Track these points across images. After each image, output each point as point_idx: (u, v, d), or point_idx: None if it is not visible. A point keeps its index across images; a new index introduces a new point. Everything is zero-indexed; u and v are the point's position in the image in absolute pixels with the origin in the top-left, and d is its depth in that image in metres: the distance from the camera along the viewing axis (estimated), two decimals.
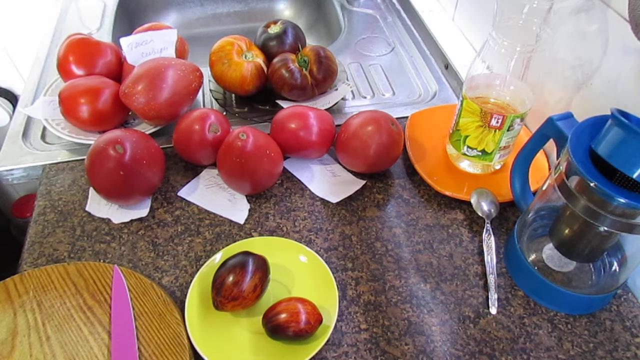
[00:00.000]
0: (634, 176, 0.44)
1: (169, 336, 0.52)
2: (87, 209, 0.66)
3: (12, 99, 1.29)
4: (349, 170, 0.72)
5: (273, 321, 0.51)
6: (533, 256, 0.60)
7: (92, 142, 0.68)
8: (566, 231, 0.54)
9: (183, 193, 0.69)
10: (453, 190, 0.68)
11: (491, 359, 0.53)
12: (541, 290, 0.57)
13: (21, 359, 0.50)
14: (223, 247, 0.61)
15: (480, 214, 0.65)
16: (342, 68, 0.85)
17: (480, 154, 0.68)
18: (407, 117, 0.78)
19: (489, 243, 0.62)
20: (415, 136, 0.75)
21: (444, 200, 0.69)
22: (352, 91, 0.87)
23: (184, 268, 0.60)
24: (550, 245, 0.58)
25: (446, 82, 0.89)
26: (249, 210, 0.67)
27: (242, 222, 0.66)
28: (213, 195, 0.68)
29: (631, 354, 0.54)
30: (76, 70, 0.74)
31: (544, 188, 0.56)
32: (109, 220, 0.65)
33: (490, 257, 0.61)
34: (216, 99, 0.82)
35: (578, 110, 0.62)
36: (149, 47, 0.77)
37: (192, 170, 0.72)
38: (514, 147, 0.69)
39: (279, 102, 0.79)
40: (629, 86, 0.55)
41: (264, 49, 0.81)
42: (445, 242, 0.64)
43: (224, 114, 0.77)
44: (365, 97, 0.86)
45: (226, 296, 0.52)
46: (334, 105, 0.79)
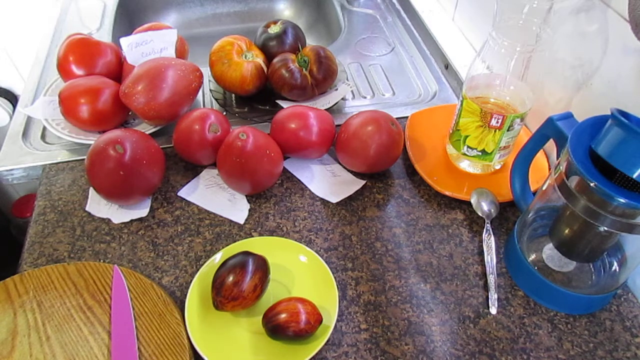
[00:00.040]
0: (634, 176, 0.44)
1: (169, 336, 0.52)
2: (87, 209, 0.66)
3: (12, 99, 1.29)
4: (349, 170, 0.72)
5: (273, 321, 0.51)
6: (533, 256, 0.60)
7: (92, 142, 0.68)
8: (566, 231, 0.54)
9: (183, 193, 0.69)
10: (453, 190, 0.68)
11: (491, 359, 0.53)
12: (541, 290, 0.57)
13: (21, 359, 0.50)
14: (223, 247, 0.61)
15: (480, 214, 0.65)
16: (342, 68, 0.85)
17: (480, 154, 0.68)
18: (407, 117, 0.78)
19: (489, 243, 0.62)
20: (415, 136, 0.75)
21: (444, 200, 0.69)
22: (352, 91, 0.87)
23: (184, 268, 0.60)
24: (550, 245, 0.58)
25: (446, 82, 0.89)
26: (249, 210, 0.67)
27: (242, 222, 0.66)
28: (213, 195, 0.68)
29: (631, 354, 0.54)
30: (76, 70, 0.74)
31: (544, 188, 0.56)
32: (109, 220, 0.65)
33: (490, 257, 0.61)
34: (216, 99, 0.82)
35: (578, 110, 0.62)
36: (149, 47, 0.77)
37: (192, 170, 0.72)
38: (514, 147, 0.69)
39: (279, 102, 0.79)
40: (629, 86, 0.55)
41: (264, 49, 0.81)
42: (445, 242, 0.64)
43: (224, 114, 0.77)
44: (365, 97, 0.86)
45: (226, 296, 0.52)
46: (334, 105, 0.79)
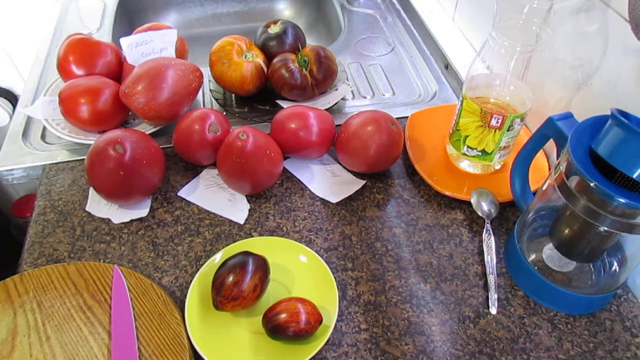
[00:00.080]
0: (634, 176, 0.44)
1: (169, 336, 0.52)
2: (87, 209, 0.66)
3: (12, 99, 1.29)
4: (349, 170, 0.72)
5: (273, 321, 0.51)
6: (533, 256, 0.60)
7: (92, 142, 0.68)
8: (566, 231, 0.54)
9: (183, 193, 0.69)
10: (453, 190, 0.68)
11: (491, 359, 0.53)
12: (541, 290, 0.57)
13: (21, 359, 0.50)
14: (223, 247, 0.61)
15: (480, 214, 0.65)
16: (342, 68, 0.85)
17: (480, 154, 0.68)
18: (407, 117, 0.78)
19: (489, 243, 0.62)
20: (415, 136, 0.75)
21: (444, 200, 0.69)
22: (352, 91, 0.87)
23: (184, 268, 0.60)
24: (550, 245, 0.58)
25: (446, 82, 0.89)
26: (249, 210, 0.67)
27: (242, 222, 0.66)
28: (213, 195, 0.68)
29: (631, 354, 0.54)
30: (76, 70, 0.74)
31: (544, 188, 0.56)
32: (109, 220, 0.65)
33: (490, 257, 0.61)
34: (216, 99, 0.82)
35: (578, 110, 0.62)
36: (149, 47, 0.77)
37: (192, 170, 0.72)
38: (514, 147, 0.69)
39: (279, 102, 0.79)
40: (629, 86, 0.55)
41: (264, 49, 0.81)
42: (445, 242, 0.64)
43: (224, 114, 0.77)
44: (365, 97, 0.86)
45: (226, 296, 0.52)
46: (334, 105, 0.79)
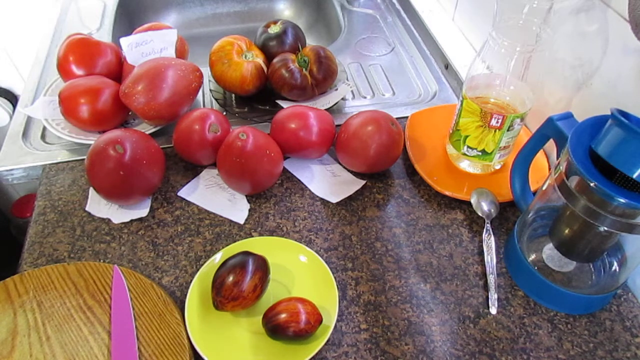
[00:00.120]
0: (634, 176, 0.44)
1: (169, 336, 0.52)
2: (87, 209, 0.66)
3: (12, 99, 1.29)
4: (349, 170, 0.72)
5: (273, 321, 0.51)
6: (533, 256, 0.60)
7: (92, 142, 0.68)
8: (566, 231, 0.54)
9: (183, 193, 0.69)
10: (453, 190, 0.68)
11: (491, 359, 0.53)
12: (541, 290, 0.57)
13: (21, 359, 0.50)
14: (223, 247, 0.61)
15: (480, 214, 0.65)
16: (342, 68, 0.85)
17: (480, 154, 0.68)
18: (407, 117, 0.78)
19: (489, 243, 0.62)
20: (415, 136, 0.75)
21: (444, 200, 0.69)
22: (352, 91, 0.87)
23: (184, 268, 0.60)
24: (550, 245, 0.58)
25: (446, 82, 0.89)
26: (249, 210, 0.67)
27: (242, 222, 0.66)
28: (213, 195, 0.68)
29: (631, 354, 0.54)
30: (76, 70, 0.74)
31: (544, 188, 0.56)
32: (109, 220, 0.65)
33: (490, 257, 0.61)
34: (216, 99, 0.82)
35: (578, 110, 0.62)
36: (149, 47, 0.77)
37: (192, 170, 0.72)
38: (514, 147, 0.69)
39: (279, 102, 0.79)
40: (629, 86, 0.55)
41: (264, 49, 0.81)
42: (445, 242, 0.64)
43: (224, 114, 0.77)
44: (365, 97, 0.86)
45: (226, 296, 0.52)
46: (334, 105, 0.79)
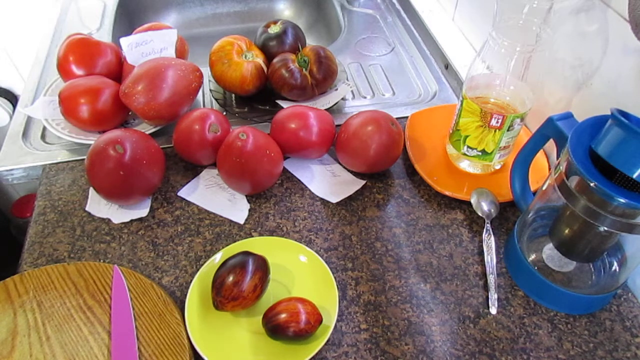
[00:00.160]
0: (634, 176, 0.44)
1: (169, 336, 0.52)
2: (87, 209, 0.66)
3: (12, 99, 1.29)
4: (349, 170, 0.72)
5: (273, 321, 0.51)
6: (533, 256, 0.60)
7: (92, 142, 0.68)
8: (566, 231, 0.54)
9: (183, 193, 0.69)
10: (453, 190, 0.68)
11: (491, 359, 0.53)
12: (541, 290, 0.57)
13: (21, 359, 0.50)
14: (223, 247, 0.61)
15: (480, 214, 0.65)
16: (342, 68, 0.85)
17: (480, 154, 0.68)
18: (407, 117, 0.78)
19: (489, 243, 0.62)
20: (415, 136, 0.75)
21: (444, 200, 0.69)
22: (352, 91, 0.87)
23: (184, 268, 0.60)
24: (550, 245, 0.58)
25: (446, 82, 0.89)
26: (249, 210, 0.67)
27: (242, 222, 0.66)
28: (213, 195, 0.68)
29: (631, 354, 0.54)
30: (76, 70, 0.74)
31: (544, 188, 0.56)
32: (109, 220, 0.65)
33: (490, 257, 0.61)
34: (216, 99, 0.82)
35: (578, 110, 0.62)
36: (149, 47, 0.77)
37: (192, 170, 0.72)
38: (514, 147, 0.69)
39: (279, 102, 0.79)
40: (629, 86, 0.55)
41: (264, 49, 0.81)
42: (445, 242, 0.64)
43: (224, 114, 0.77)
44: (365, 97, 0.86)
45: (226, 296, 0.52)
46: (334, 105, 0.79)
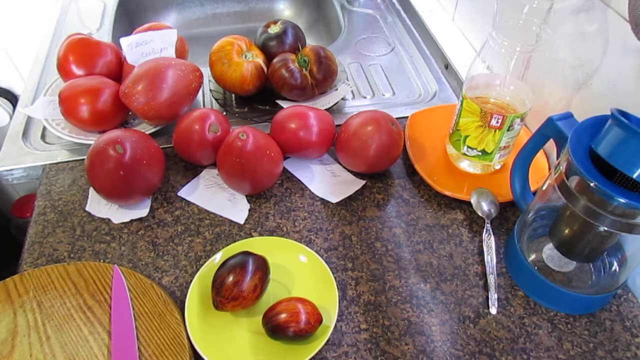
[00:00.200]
0: (634, 176, 0.44)
1: (169, 336, 0.52)
2: (87, 209, 0.66)
3: (12, 99, 1.29)
4: (349, 170, 0.72)
5: (273, 321, 0.51)
6: (533, 256, 0.60)
7: (92, 142, 0.68)
8: (566, 231, 0.54)
9: (183, 193, 0.69)
10: (453, 190, 0.68)
11: (491, 359, 0.53)
12: (541, 290, 0.57)
13: (21, 359, 0.50)
14: (223, 247, 0.61)
15: (480, 214, 0.65)
16: (342, 68, 0.85)
17: (480, 154, 0.68)
18: (407, 117, 0.78)
19: (489, 243, 0.62)
20: (415, 136, 0.75)
21: (444, 200, 0.69)
22: (352, 91, 0.87)
23: (184, 268, 0.60)
24: (550, 245, 0.58)
25: (446, 82, 0.89)
26: (249, 210, 0.67)
27: (242, 222, 0.66)
28: (213, 195, 0.68)
29: (631, 354, 0.54)
30: (76, 70, 0.74)
31: (544, 188, 0.56)
32: (109, 220, 0.65)
33: (490, 257, 0.61)
34: (216, 99, 0.82)
35: (578, 110, 0.62)
36: (149, 47, 0.77)
37: (192, 170, 0.72)
38: (514, 147, 0.69)
39: (279, 102, 0.79)
40: (629, 86, 0.55)
41: (264, 49, 0.81)
42: (445, 242, 0.64)
43: (224, 114, 0.77)
44: (365, 97, 0.86)
45: (226, 296, 0.52)
46: (334, 105, 0.79)
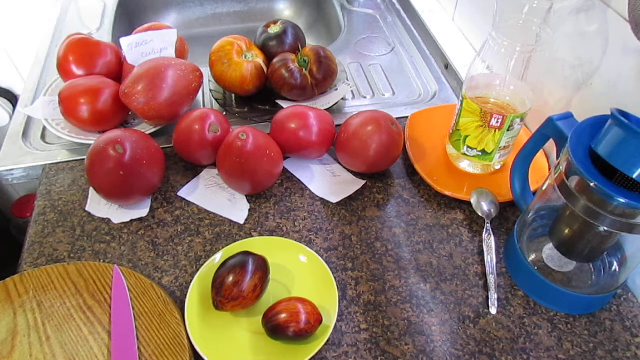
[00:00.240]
0: (634, 176, 0.44)
1: (169, 336, 0.52)
2: (87, 209, 0.66)
3: (12, 99, 1.29)
4: (349, 170, 0.72)
5: (273, 321, 0.51)
6: (533, 256, 0.60)
7: (92, 142, 0.68)
8: (566, 231, 0.54)
9: (183, 193, 0.69)
10: (453, 190, 0.68)
11: (491, 359, 0.53)
12: (541, 290, 0.57)
13: (21, 359, 0.50)
14: (223, 247, 0.61)
15: (480, 214, 0.65)
16: (342, 68, 0.85)
17: (480, 154, 0.68)
18: (407, 117, 0.78)
19: (489, 243, 0.62)
20: (415, 136, 0.75)
21: (444, 200, 0.69)
22: (352, 91, 0.87)
23: (184, 268, 0.60)
24: (550, 245, 0.58)
25: (446, 82, 0.89)
26: (249, 210, 0.67)
27: (242, 222, 0.66)
28: (213, 195, 0.68)
29: (631, 354, 0.54)
30: (76, 70, 0.74)
31: (544, 188, 0.56)
32: (109, 220, 0.65)
33: (490, 257, 0.61)
34: (216, 99, 0.82)
35: (578, 110, 0.62)
36: (149, 47, 0.77)
37: (192, 170, 0.72)
38: (514, 147, 0.69)
39: (279, 102, 0.79)
40: (629, 86, 0.55)
41: (264, 49, 0.81)
42: (445, 242, 0.64)
43: (224, 114, 0.77)
44: (365, 97, 0.86)
45: (226, 296, 0.52)
46: (334, 105, 0.79)
